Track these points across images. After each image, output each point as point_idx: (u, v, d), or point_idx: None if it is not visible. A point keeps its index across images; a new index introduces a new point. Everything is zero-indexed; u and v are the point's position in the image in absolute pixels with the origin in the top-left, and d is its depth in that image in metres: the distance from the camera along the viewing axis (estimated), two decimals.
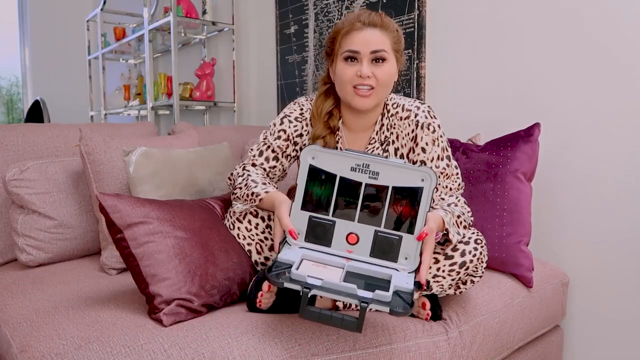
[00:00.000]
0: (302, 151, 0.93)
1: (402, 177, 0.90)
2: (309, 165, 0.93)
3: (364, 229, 0.92)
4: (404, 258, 0.91)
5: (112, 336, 0.92)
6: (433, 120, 1.18)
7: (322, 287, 0.83)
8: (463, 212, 1.12)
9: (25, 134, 1.59)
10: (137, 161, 1.38)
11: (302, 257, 0.92)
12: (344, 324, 0.82)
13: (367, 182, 0.91)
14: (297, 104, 1.26)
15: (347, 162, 0.91)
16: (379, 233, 0.91)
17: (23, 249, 1.40)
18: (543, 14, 1.56)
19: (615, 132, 1.42)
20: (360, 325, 0.82)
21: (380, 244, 0.91)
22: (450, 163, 1.19)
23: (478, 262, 1.09)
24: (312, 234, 0.94)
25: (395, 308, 0.80)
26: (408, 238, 0.91)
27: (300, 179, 0.93)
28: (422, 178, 0.89)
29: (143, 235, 1.03)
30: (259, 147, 1.25)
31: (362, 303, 0.80)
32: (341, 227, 0.93)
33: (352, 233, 0.93)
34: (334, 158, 0.92)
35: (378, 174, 0.90)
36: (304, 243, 0.94)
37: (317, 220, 0.93)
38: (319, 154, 0.92)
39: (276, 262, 0.88)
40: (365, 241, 0.92)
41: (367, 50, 1.12)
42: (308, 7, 2.37)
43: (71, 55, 4.32)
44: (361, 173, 0.91)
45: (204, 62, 2.87)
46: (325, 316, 0.83)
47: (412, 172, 0.89)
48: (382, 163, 0.90)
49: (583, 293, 1.52)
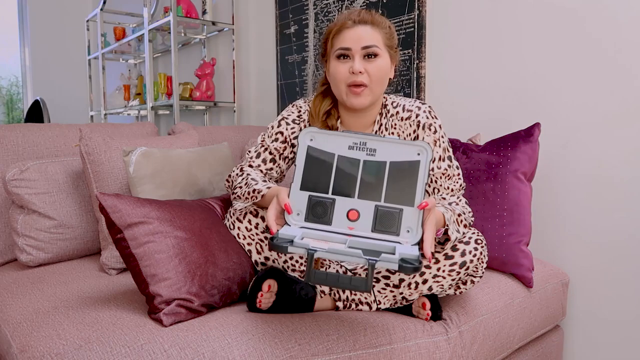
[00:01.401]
0: (300, 133, 0.94)
1: (398, 152, 0.92)
2: (307, 147, 0.94)
3: (364, 205, 0.92)
4: (406, 231, 0.91)
5: (112, 336, 0.92)
6: (434, 120, 1.18)
7: (327, 250, 0.82)
8: (464, 211, 1.12)
9: (25, 134, 1.59)
10: (137, 161, 1.38)
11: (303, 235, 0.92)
12: (352, 283, 0.81)
13: (364, 158, 0.92)
14: (295, 106, 1.26)
15: (345, 142, 0.93)
16: (379, 207, 0.92)
17: (23, 249, 1.40)
18: (543, 13, 1.56)
19: (615, 132, 1.42)
20: (370, 283, 0.80)
21: (381, 217, 0.92)
22: (451, 164, 1.19)
23: (478, 262, 1.09)
24: (312, 213, 0.94)
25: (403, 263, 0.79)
26: (409, 210, 0.91)
27: (298, 160, 0.94)
28: (418, 152, 0.91)
29: (143, 235, 1.03)
30: (257, 149, 1.25)
31: (370, 260, 0.79)
32: (341, 204, 0.93)
33: (352, 209, 0.93)
34: (331, 138, 0.93)
35: (375, 150, 0.92)
36: (304, 223, 0.94)
37: (316, 198, 0.93)
38: (317, 135, 0.94)
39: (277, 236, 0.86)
40: (366, 217, 0.92)
41: (358, 46, 1.12)
42: (308, 7, 2.37)
43: (71, 55, 4.32)
44: (359, 151, 0.93)
45: (204, 62, 2.87)
46: (333, 277, 0.81)
47: (408, 146, 0.92)
48: (379, 140, 0.92)
49: (583, 293, 1.52)
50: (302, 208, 0.94)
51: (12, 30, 4.39)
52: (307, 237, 0.91)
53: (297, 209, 0.94)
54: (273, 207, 0.93)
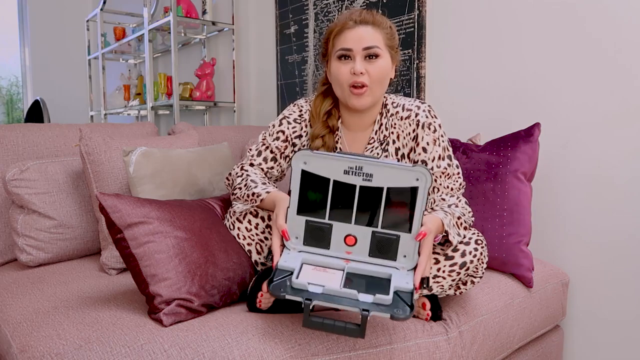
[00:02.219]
0: (293, 156, 0.92)
1: (396, 177, 0.89)
2: (301, 171, 0.92)
3: (362, 230, 0.92)
4: (402, 256, 0.92)
5: (112, 336, 0.92)
6: (434, 119, 1.18)
7: (323, 295, 0.84)
8: (464, 212, 1.12)
9: (25, 134, 1.59)
10: (137, 161, 1.38)
11: (302, 262, 0.92)
12: (347, 331, 0.83)
13: (361, 184, 0.90)
14: (296, 105, 1.27)
15: (340, 166, 0.90)
16: (376, 233, 0.92)
17: (23, 249, 1.40)
18: (542, 13, 1.56)
19: (615, 132, 1.42)
20: (363, 331, 0.82)
21: (378, 244, 0.91)
22: (451, 163, 1.18)
23: (478, 262, 1.09)
24: (311, 238, 0.94)
25: (395, 313, 0.80)
26: (406, 237, 0.91)
27: (293, 185, 0.93)
28: (417, 177, 0.88)
29: (143, 235, 1.03)
30: (258, 148, 1.25)
31: (363, 312, 0.81)
32: (338, 230, 0.93)
33: (349, 235, 0.93)
34: (326, 162, 0.90)
35: (372, 175, 0.89)
36: (302, 247, 0.95)
37: (313, 224, 0.93)
38: (311, 159, 0.91)
39: (277, 270, 0.89)
40: (363, 242, 0.93)
41: (359, 46, 1.12)
42: (308, 7, 2.37)
43: (71, 55, 4.32)
44: (355, 176, 0.90)
45: (204, 62, 2.87)
46: (328, 325, 0.83)
47: (406, 172, 0.88)
48: (376, 164, 0.89)
49: (583, 293, 1.52)
50: (300, 232, 0.94)
51: (12, 30, 4.39)
52: (306, 262, 0.93)
53: (295, 233, 0.94)
54: (275, 233, 0.95)
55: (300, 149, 0.94)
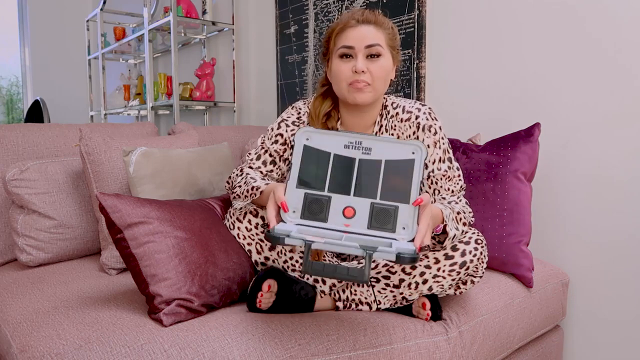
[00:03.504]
0: (296, 132, 0.94)
1: (393, 151, 0.93)
2: (303, 145, 0.94)
3: (360, 202, 0.93)
4: (401, 228, 0.92)
5: (112, 336, 0.92)
6: (434, 122, 1.18)
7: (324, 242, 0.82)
8: (464, 210, 1.12)
9: (25, 134, 1.59)
10: (137, 161, 1.38)
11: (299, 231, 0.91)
12: (350, 273, 0.81)
13: (360, 157, 0.93)
14: (294, 108, 1.26)
15: (341, 141, 0.94)
16: (375, 204, 0.92)
17: (23, 249, 1.40)
18: (542, 13, 1.56)
19: (615, 132, 1.42)
20: (368, 274, 0.80)
21: (377, 214, 0.92)
22: (452, 165, 1.18)
23: (478, 262, 1.09)
24: (308, 210, 0.94)
25: (402, 253, 0.80)
26: (404, 207, 0.92)
27: (295, 158, 0.95)
28: (413, 151, 0.92)
29: (143, 235, 1.03)
30: (257, 152, 1.25)
31: (367, 251, 0.80)
32: (337, 202, 0.93)
33: (348, 206, 0.93)
34: (327, 138, 0.94)
35: (371, 149, 0.93)
36: (300, 220, 0.94)
37: (312, 196, 0.94)
38: (313, 135, 0.95)
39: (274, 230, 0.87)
40: (362, 214, 0.93)
41: (361, 45, 1.12)
42: (308, 7, 2.37)
43: (71, 55, 4.32)
44: (354, 150, 0.93)
45: (204, 62, 2.87)
46: (330, 268, 0.82)
47: (403, 145, 0.93)
48: (374, 139, 0.93)
49: (583, 293, 1.52)
50: (298, 205, 0.94)
51: (12, 30, 4.38)
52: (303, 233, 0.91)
53: (293, 206, 0.94)
54: (271, 204, 0.93)
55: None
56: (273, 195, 0.94)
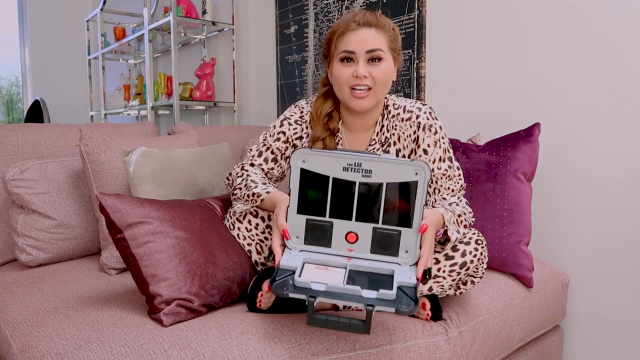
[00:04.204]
0: (292, 155, 0.92)
1: (395, 172, 0.89)
2: (300, 169, 0.92)
3: (362, 227, 0.92)
4: (404, 252, 0.92)
5: (112, 336, 0.92)
6: (435, 121, 1.18)
7: (326, 292, 0.84)
8: (464, 211, 1.12)
9: (25, 134, 1.59)
10: (137, 161, 1.38)
11: (303, 261, 0.92)
12: (351, 327, 0.83)
13: (360, 180, 0.90)
14: (297, 107, 1.26)
15: (339, 163, 0.90)
16: (377, 229, 0.92)
17: (23, 249, 1.40)
18: (542, 13, 1.56)
19: (616, 131, 1.42)
20: (368, 327, 0.82)
21: (379, 240, 0.92)
22: (452, 164, 1.18)
23: (478, 262, 1.09)
24: (311, 236, 0.94)
25: (400, 307, 0.80)
26: (407, 232, 0.91)
27: (293, 184, 0.93)
28: (416, 172, 0.89)
29: (143, 235, 1.03)
30: (259, 148, 1.25)
31: (367, 307, 0.81)
32: (339, 227, 0.93)
33: (350, 232, 0.93)
34: (325, 159, 0.91)
35: (371, 171, 0.90)
36: (304, 246, 0.94)
37: (314, 222, 0.93)
38: (310, 157, 0.92)
39: (279, 270, 0.89)
40: (364, 239, 0.93)
41: (362, 49, 1.11)
42: (308, 7, 2.37)
43: (71, 55, 4.32)
44: (354, 172, 0.90)
45: (204, 62, 2.87)
46: (333, 322, 0.83)
47: (405, 166, 0.89)
48: (374, 160, 0.90)
49: (583, 293, 1.52)
50: (300, 231, 0.94)
51: (12, 30, 4.38)
52: (308, 261, 0.92)
53: (296, 232, 0.94)
54: (276, 234, 0.95)
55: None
56: (275, 223, 0.95)
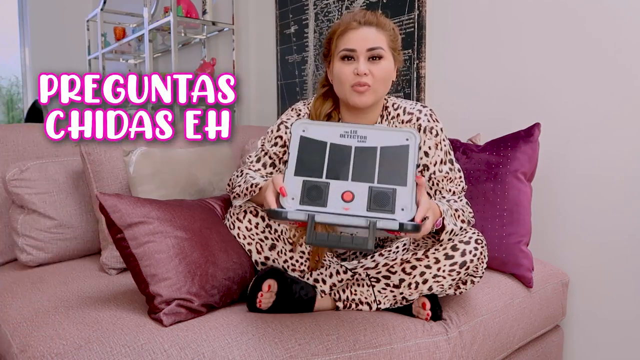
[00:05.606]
0: (292, 125, 0.96)
1: (388, 138, 0.96)
2: (300, 137, 0.96)
3: (358, 186, 0.94)
4: (400, 209, 0.93)
5: (112, 336, 0.92)
6: (435, 123, 1.18)
7: (327, 213, 0.86)
8: (462, 208, 1.12)
9: (25, 134, 1.59)
10: (137, 161, 1.38)
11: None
12: (354, 242, 0.84)
13: (356, 145, 0.95)
14: (294, 110, 1.26)
15: (336, 130, 0.96)
16: (373, 188, 0.94)
17: (23, 249, 1.40)
18: (543, 13, 1.56)
19: (616, 131, 1.42)
20: (372, 242, 0.83)
21: (375, 197, 0.94)
22: (453, 167, 1.18)
23: (478, 262, 1.09)
24: (307, 196, 0.95)
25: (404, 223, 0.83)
26: (402, 189, 0.94)
27: (291, 149, 0.96)
28: (407, 137, 0.95)
29: (143, 235, 1.03)
30: (257, 154, 1.25)
31: (370, 220, 0.83)
32: (335, 187, 0.95)
33: (347, 191, 0.95)
34: (323, 128, 0.97)
35: (366, 137, 0.96)
36: (299, 206, 0.95)
37: (311, 182, 0.95)
38: (309, 126, 0.97)
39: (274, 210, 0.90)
40: (360, 197, 0.94)
41: (363, 47, 1.11)
42: (308, 7, 2.37)
43: (71, 55, 4.31)
44: (350, 138, 0.96)
45: (204, 62, 2.86)
46: (334, 238, 0.85)
47: (396, 132, 0.96)
48: (368, 128, 0.96)
49: (583, 293, 1.52)
50: (296, 192, 0.95)
51: (12, 30, 4.38)
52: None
53: (292, 193, 0.95)
54: (270, 190, 0.94)
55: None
56: (272, 182, 0.94)
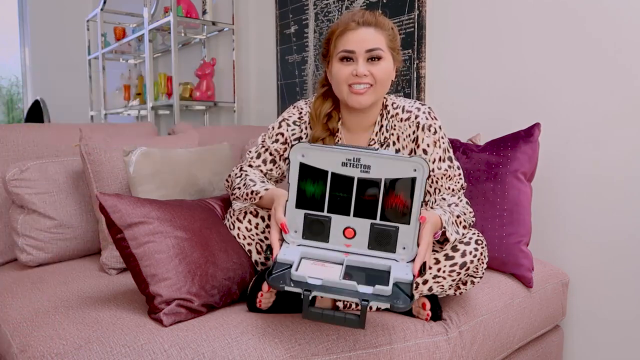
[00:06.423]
0: (291, 149, 0.93)
1: (394, 168, 0.89)
2: (299, 164, 0.93)
3: (360, 223, 0.92)
4: (401, 248, 0.92)
5: (112, 336, 0.92)
6: (434, 121, 1.18)
7: (322, 286, 0.84)
8: (464, 212, 1.12)
9: (25, 134, 1.59)
10: (137, 161, 1.38)
11: (301, 256, 0.92)
12: (346, 322, 0.84)
13: (359, 176, 0.91)
14: (296, 107, 1.26)
15: (338, 158, 0.91)
16: (375, 225, 0.92)
17: (23, 249, 1.40)
18: (543, 13, 1.56)
19: (616, 132, 1.42)
20: (363, 322, 0.83)
21: (377, 235, 0.92)
22: (452, 164, 1.18)
23: (478, 262, 1.09)
24: (309, 231, 0.94)
25: (395, 303, 0.81)
26: (404, 228, 0.91)
27: (291, 178, 0.93)
28: (415, 168, 0.89)
29: (143, 235, 1.03)
30: (257, 150, 1.25)
31: (362, 302, 0.81)
32: (337, 222, 0.93)
33: (348, 227, 0.93)
34: (323, 154, 0.91)
35: (370, 167, 0.90)
36: (301, 240, 0.95)
37: (312, 217, 0.93)
38: (309, 151, 0.92)
39: (276, 264, 0.89)
40: (362, 234, 0.93)
41: (362, 49, 1.11)
42: (308, 7, 2.37)
43: (71, 55, 4.32)
44: (352, 167, 0.90)
45: (204, 62, 2.86)
46: (328, 316, 0.84)
47: (403, 162, 0.89)
48: (373, 156, 0.90)
49: (583, 293, 1.52)
50: (299, 226, 0.94)
51: (12, 30, 4.38)
52: (305, 256, 0.93)
53: (294, 227, 0.94)
54: (274, 228, 0.95)
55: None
56: (274, 217, 0.95)
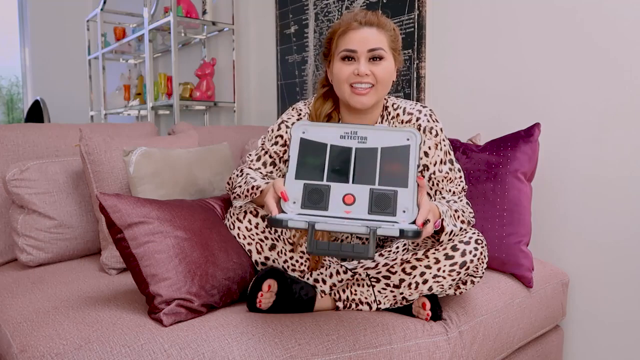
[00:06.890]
0: (292, 127, 0.95)
1: (388, 138, 0.95)
2: (300, 138, 0.96)
3: (359, 189, 0.94)
4: (402, 211, 0.93)
5: (112, 336, 0.92)
6: (435, 124, 1.18)
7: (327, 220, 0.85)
8: (462, 209, 1.12)
9: (25, 134, 1.59)
10: (137, 161, 1.38)
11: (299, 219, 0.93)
12: (355, 250, 0.84)
13: (356, 146, 0.95)
14: (295, 109, 1.26)
15: (336, 132, 0.96)
16: (374, 190, 0.93)
17: (23, 249, 1.40)
18: (542, 14, 1.56)
19: (615, 132, 1.42)
20: (372, 250, 0.82)
21: (377, 200, 0.93)
22: (453, 167, 1.18)
23: (478, 262, 1.09)
24: (309, 200, 0.95)
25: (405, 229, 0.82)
26: (403, 191, 0.93)
27: (292, 152, 0.96)
28: (407, 137, 0.94)
29: (143, 235, 1.03)
30: (257, 153, 1.25)
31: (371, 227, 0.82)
32: (336, 190, 0.94)
33: (348, 194, 0.94)
34: (323, 130, 0.96)
35: (366, 138, 0.95)
36: (300, 210, 0.94)
37: (312, 186, 0.94)
38: (309, 128, 0.96)
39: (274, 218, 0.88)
40: (362, 200, 0.94)
41: (364, 48, 1.11)
42: (308, 7, 2.37)
43: (71, 55, 4.32)
44: (350, 139, 0.95)
45: (204, 62, 2.87)
46: (335, 246, 0.84)
47: (397, 132, 0.95)
48: (369, 128, 0.96)
49: (583, 293, 1.52)
50: (298, 196, 0.95)
51: (12, 30, 4.38)
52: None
53: (293, 197, 0.95)
54: (271, 194, 0.93)
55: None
56: (273, 186, 0.94)
